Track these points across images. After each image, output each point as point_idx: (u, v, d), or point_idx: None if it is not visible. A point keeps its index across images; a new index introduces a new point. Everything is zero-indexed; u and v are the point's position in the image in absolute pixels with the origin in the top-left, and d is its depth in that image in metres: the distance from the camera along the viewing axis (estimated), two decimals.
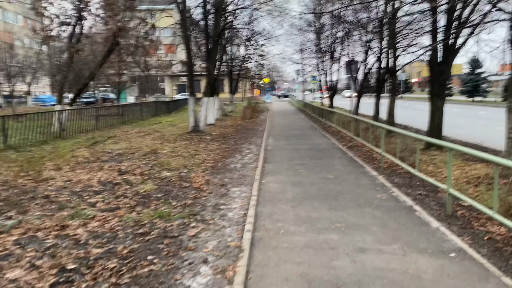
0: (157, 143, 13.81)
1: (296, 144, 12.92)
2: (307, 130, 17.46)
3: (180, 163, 9.56)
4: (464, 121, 21.55)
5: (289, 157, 10.30)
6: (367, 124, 11.56)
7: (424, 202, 6.11)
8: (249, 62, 35.73)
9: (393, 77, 15.01)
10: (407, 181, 7.49)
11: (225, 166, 9.07)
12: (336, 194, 6.53)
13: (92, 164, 9.66)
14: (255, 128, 18.80)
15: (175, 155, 10.98)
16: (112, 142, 14.98)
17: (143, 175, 8.31)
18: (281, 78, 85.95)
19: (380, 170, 8.44)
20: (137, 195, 6.70)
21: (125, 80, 41.41)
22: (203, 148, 12.17)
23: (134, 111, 26.07)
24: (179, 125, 20.97)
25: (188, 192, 6.71)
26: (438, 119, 11.19)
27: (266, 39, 26.91)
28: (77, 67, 29.19)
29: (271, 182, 7.50)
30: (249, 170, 8.67)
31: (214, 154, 10.85)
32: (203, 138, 14.80)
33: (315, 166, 8.95)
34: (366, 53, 20.34)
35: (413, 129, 17.71)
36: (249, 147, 12.37)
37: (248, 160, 9.95)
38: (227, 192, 6.66)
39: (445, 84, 11.18)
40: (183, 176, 7.92)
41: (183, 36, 16.32)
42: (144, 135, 16.56)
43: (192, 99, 16.74)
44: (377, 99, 18.05)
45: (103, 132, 18.66)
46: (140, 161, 10.01)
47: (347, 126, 14.57)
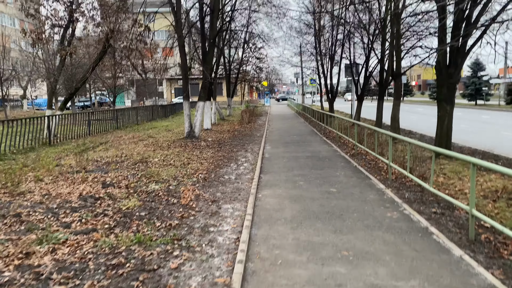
0: (149, 150, 13.12)
1: (295, 151, 12.22)
2: (306, 136, 16.76)
3: (171, 174, 8.86)
4: (469, 126, 20.88)
5: (287, 167, 9.60)
6: (371, 130, 10.86)
7: (440, 222, 5.41)
8: (247, 65, 35.13)
9: (397, 81, 14.34)
10: (418, 195, 6.79)
11: (218, 178, 8.35)
12: (340, 213, 5.82)
13: (76, 174, 8.95)
14: (252, 134, 18.10)
15: (167, 164, 10.28)
16: (103, 148, 14.30)
17: (128, 188, 7.61)
18: (280, 81, 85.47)
19: (387, 183, 7.74)
20: (118, 213, 6.00)
21: (122, 84, 40.77)
22: (197, 156, 11.47)
23: (129, 115, 25.36)
24: (174, 130, 20.28)
25: (175, 210, 6.00)
26: (447, 125, 10.51)
27: (265, 41, 26.27)
28: (70, 71, 28.57)
29: (267, 197, 6.79)
30: (244, 182, 7.96)
31: (208, 163, 10.14)
32: (198, 144, 14.10)
33: (316, 178, 8.25)
34: (367, 55, 19.67)
35: (417, 135, 17.04)
36: (245, 155, 11.66)
37: (244, 170, 9.24)
38: (219, 210, 5.95)
39: (454, 88, 10.50)
40: (172, 190, 7.21)
41: (177, 38, 15.65)
42: (137, 141, 15.86)
43: (187, 103, 16.06)
44: (380, 103, 17.37)
45: (95, 138, 17.96)
46: (128, 171, 9.30)
47: (349, 132, 13.89)
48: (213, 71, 22.12)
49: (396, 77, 14.16)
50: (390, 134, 8.13)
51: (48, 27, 18.11)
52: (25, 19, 20.79)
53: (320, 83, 31.41)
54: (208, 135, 17.39)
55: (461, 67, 10.36)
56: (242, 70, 34.62)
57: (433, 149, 6.19)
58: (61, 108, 18.64)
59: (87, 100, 45.21)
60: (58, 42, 19.61)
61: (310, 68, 33.65)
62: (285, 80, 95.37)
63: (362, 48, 22.08)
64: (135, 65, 36.95)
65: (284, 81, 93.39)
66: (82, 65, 29.17)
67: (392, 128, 14.26)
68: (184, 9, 19.67)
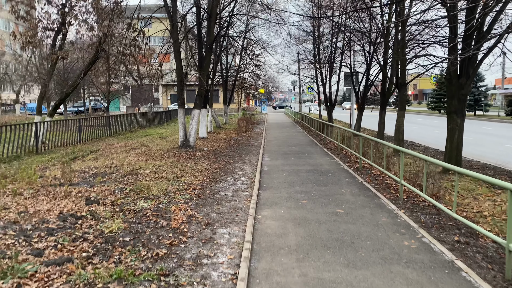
0: (141, 160, 12.41)
1: (296, 163, 11.56)
2: (306, 146, 16.11)
3: (162, 189, 8.16)
4: (472, 138, 20.33)
5: (288, 182, 8.92)
6: (377, 143, 10.23)
7: (467, 254, 4.74)
8: (244, 72, 34.54)
9: (402, 90, 13.75)
10: (435, 219, 6.13)
11: (213, 194, 7.65)
12: (351, 240, 5.14)
13: (59, 188, 8.24)
14: (250, 143, 17.43)
15: (158, 176, 9.58)
16: (93, 158, 13.58)
17: (114, 206, 6.90)
18: (277, 88, 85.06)
19: (399, 203, 7.08)
20: (100, 237, 5.29)
21: (116, 89, 40.05)
22: (191, 168, 10.77)
23: (123, 122, 24.64)
24: (169, 138, 19.59)
25: (164, 235, 5.29)
26: (458, 139, 9.90)
27: (263, 48, 25.70)
28: (63, 75, 27.86)
29: (268, 219, 6.10)
30: (241, 199, 7.27)
31: (203, 177, 9.44)
32: (193, 154, 13.40)
33: (320, 195, 7.57)
34: (368, 63, 19.13)
35: (421, 147, 16.45)
36: (242, 167, 10.98)
37: (241, 185, 8.55)
38: (213, 236, 5.24)
39: (465, 100, 9.91)
40: (161, 209, 6.50)
41: (173, 43, 15.03)
42: (129, 150, 15.15)
43: (181, 110, 15.38)
44: (382, 113, 16.79)
45: (86, 146, 17.24)
46: (116, 185, 8.59)
47: (351, 143, 13.26)
48: (210, 78, 21.50)
49: (400, 87, 13.58)
50: (402, 150, 7.47)
51: (40, 30, 17.49)
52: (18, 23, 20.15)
53: (318, 91, 30.88)
54: (203, 144, 16.70)
55: (473, 77, 9.78)
56: (239, 77, 34.03)
57: (457, 170, 5.50)
58: (50, 114, 17.91)
59: (81, 106, 44.43)
60: (50, 46, 18.96)
61: (308, 76, 33.13)
62: (282, 88, 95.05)
63: (362, 56, 21.60)
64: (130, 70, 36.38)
65: (281, 88, 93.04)
66: (75, 70, 28.47)
67: (396, 140, 13.66)
68: (180, 13, 19.10)
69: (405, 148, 9.13)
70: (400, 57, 13.32)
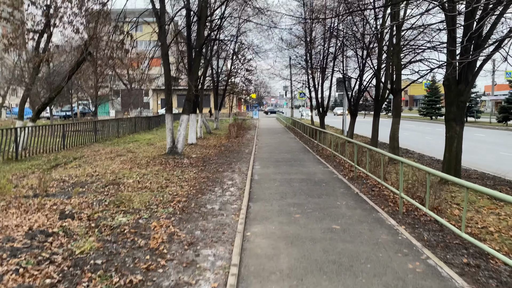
0: (125, 168, 11.82)
1: (288, 172, 11.04)
2: (298, 154, 15.62)
3: (144, 201, 7.58)
4: (466, 145, 19.97)
5: (280, 193, 8.40)
6: (372, 151, 9.77)
7: (479, 280, 4.25)
8: (236, 77, 34.08)
9: (397, 97, 13.35)
10: (439, 236, 5.65)
11: (199, 207, 7.09)
12: (350, 262, 4.63)
13: (33, 200, 7.62)
14: (240, 150, 16.90)
15: (142, 187, 8.99)
16: (75, 165, 12.94)
17: (90, 221, 6.31)
18: (268, 94, 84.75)
19: (398, 217, 6.60)
20: (69, 259, 4.71)
21: (105, 94, 39.31)
22: (178, 177, 10.20)
23: (110, 127, 23.95)
24: (157, 144, 18.97)
25: (141, 257, 4.72)
26: (457, 148, 9.49)
27: (255, 53, 25.27)
28: (48, 79, 27.08)
29: (258, 236, 5.56)
30: (230, 213, 6.72)
31: (189, 187, 8.88)
32: (180, 162, 12.83)
33: (314, 209, 7.06)
34: (361, 69, 18.77)
35: (415, 154, 16.07)
36: (232, 176, 10.43)
37: (230, 197, 8.00)
38: (196, 259, 4.69)
39: (464, 107, 9.51)
40: (141, 226, 5.93)
41: (160, 45, 14.49)
42: (114, 157, 14.53)
43: (169, 116, 14.81)
44: (376, 120, 16.39)
45: (69, 152, 16.55)
46: (96, 196, 8.00)
47: (344, 151, 12.80)
48: (200, 83, 20.97)
49: (396, 93, 13.18)
50: (402, 160, 6.97)
51: (22, 32, 16.84)
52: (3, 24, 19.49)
53: (310, 97, 30.50)
54: (192, 151, 16.13)
55: (473, 83, 9.40)
56: (231, 82, 33.54)
57: (467, 185, 4.97)
58: (33, 119, 17.22)
59: (69, 110, 43.49)
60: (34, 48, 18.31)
61: (300, 81, 32.76)
62: (274, 93, 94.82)
63: (355, 62, 21.28)
64: (119, 74, 35.70)
65: (273, 93, 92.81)
66: (61, 74, 27.73)
67: (391, 147, 13.23)
68: (170, 16, 18.57)
69: (400, 157, 8.69)
70: (395, 62, 12.93)
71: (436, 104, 48.25)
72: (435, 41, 12.65)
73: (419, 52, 13.14)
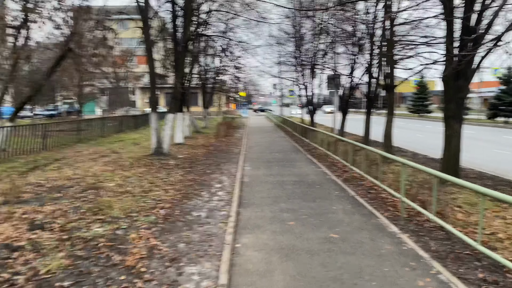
0: (108, 170, 11.16)
1: (280, 173, 10.51)
2: (290, 153, 15.09)
3: (125, 207, 6.98)
4: None
5: (272, 197, 7.86)
6: (367, 151, 9.28)
7: None
8: (224, 74, 33.40)
9: (391, 94, 12.91)
10: (447, 245, 5.17)
11: (184, 215, 6.51)
12: (353, 280, 4.11)
13: (2, 207, 6.96)
14: (229, 150, 16.32)
15: (123, 191, 8.37)
16: (55, 167, 12.24)
17: (63, 232, 5.69)
18: (258, 92, 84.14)
19: (400, 223, 6.11)
20: (32, 281, 4.10)
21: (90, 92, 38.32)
22: (163, 179, 9.60)
23: (95, 126, 23.14)
24: (143, 144, 18.28)
25: (115, 277, 4.13)
26: (455, 146, 9.06)
27: (243, 50, 24.65)
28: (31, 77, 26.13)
29: (249, 249, 5.02)
30: (217, 221, 6.15)
31: (174, 191, 8.29)
32: (166, 163, 12.20)
33: (309, 214, 6.53)
34: (352, 65, 18.32)
35: (408, 153, 15.65)
36: (220, 178, 9.86)
37: (218, 202, 7.43)
38: (178, 279, 4.11)
39: (463, 104, 9.10)
40: (118, 238, 5.33)
41: (144, 40, 13.82)
42: (97, 158, 13.84)
43: (154, 115, 14.15)
44: (367, 117, 15.97)
45: (51, 153, 15.79)
46: (72, 203, 7.36)
47: (337, 150, 12.33)
48: (186, 80, 20.32)
49: (389, 90, 12.73)
50: (405, 162, 6.44)
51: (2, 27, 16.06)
52: None
53: (300, 95, 30.03)
54: (179, 151, 15.50)
55: (471, 79, 8.97)
56: (219, 80, 32.86)
57: (485, 192, 4.50)
58: (11, 119, 16.39)
59: (53, 109, 42.39)
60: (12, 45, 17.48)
61: (290, 79, 32.21)
62: (263, 91, 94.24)
63: (345, 59, 20.85)
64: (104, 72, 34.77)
65: (262, 91, 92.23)
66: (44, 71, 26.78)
67: (385, 146, 12.80)
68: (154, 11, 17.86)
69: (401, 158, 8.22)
70: (389, 58, 12.48)
71: (425, 101, 48.23)
72: (430, 36, 12.22)
73: (413, 47, 12.67)
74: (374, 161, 10.59)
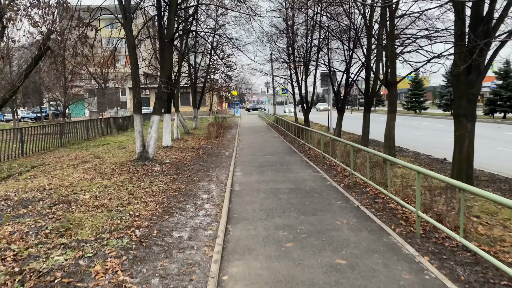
0: (86, 178, 10.20)
1: (274, 179, 9.58)
2: (284, 155, 14.18)
3: (97, 226, 6.03)
4: None
5: (266, 209, 6.93)
6: (370, 154, 8.38)
7: None
8: (215, 73, 32.43)
9: (392, 90, 12.04)
10: (478, 272, 4.28)
11: (163, 236, 5.55)
12: None
13: None
14: (220, 152, 15.37)
15: (99, 204, 7.42)
16: (31, 175, 11.28)
17: (16, 262, 4.73)
18: (250, 90, 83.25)
19: (417, 242, 5.21)
20: None
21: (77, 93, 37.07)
22: (145, 189, 8.64)
23: (79, 129, 22.06)
24: (129, 148, 17.29)
25: None
26: (468, 148, 8.20)
27: (234, 47, 23.68)
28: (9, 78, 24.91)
29: (238, 283, 4.09)
30: (202, 244, 5.21)
31: (155, 204, 7.33)
32: (151, 169, 11.24)
33: (309, 232, 5.61)
34: (348, 61, 17.42)
35: (410, 152, 14.86)
36: (208, 187, 8.91)
37: (204, 218, 6.48)
38: None
39: (475, 100, 8.22)
40: (80, 270, 4.37)
41: (126, 36, 12.83)
42: (78, 164, 12.86)
43: (138, 117, 13.17)
44: (366, 116, 15.10)
45: (29, 159, 14.79)
46: (36, 221, 6.40)
47: (335, 152, 11.45)
48: (174, 79, 19.32)
49: (390, 86, 11.86)
50: (424, 172, 5.42)
51: None
52: None
53: (293, 93, 29.13)
54: (166, 155, 14.53)
55: (485, 73, 8.11)
56: (210, 79, 31.87)
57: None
58: None
59: (39, 112, 41.03)
60: None
61: (283, 77, 31.27)
62: (256, 89, 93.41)
63: (340, 55, 19.99)
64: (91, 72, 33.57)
65: (254, 90, 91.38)
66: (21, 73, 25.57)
67: (386, 147, 11.94)
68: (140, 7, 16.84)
69: (417, 166, 7.34)
70: (389, 52, 11.61)
71: (420, 98, 47.60)
72: (433, 28, 11.40)
73: (415, 40, 11.82)
74: (377, 163, 9.72)
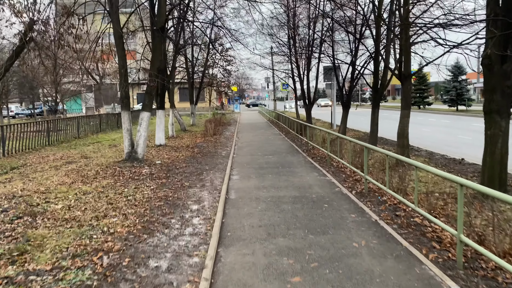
0: (66, 182, 9.08)
1: (275, 185, 8.42)
2: (286, 155, 13.02)
3: (60, 248, 4.91)
4: (470, 137, 17.84)
5: (266, 225, 5.78)
6: (388, 158, 7.23)
7: None
8: (213, 67, 31.21)
9: (406, 84, 10.86)
10: None
11: (136, 266, 4.39)
12: None
13: None
14: (216, 152, 14.22)
15: (70, 217, 6.28)
16: (6, 179, 10.14)
17: None
18: (250, 86, 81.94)
19: (460, 274, 4.06)
20: None
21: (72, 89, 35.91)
22: (127, 197, 7.50)
23: (70, 126, 20.91)
24: (120, 146, 16.16)
25: None
26: (502, 149, 7.06)
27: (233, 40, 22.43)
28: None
29: None
30: (183, 279, 4.04)
31: (135, 217, 6.19)
32: (138, 172, 10.10)
33: (321, 260, 4.46)
34: (354, 53, 16.20)
35: (422, 151, 13.66)
36: (200, 195, 7.76)
37: (190, 238, 5.32)
38: None
39: (511, 94, 7.05)
40: None
41: (112, 25, 11.65)
42: (62, 165, 11.75)
43: (126, 113, 12.03)
44: (375, 112, 13.93)
45: (10, 160, 13.64)
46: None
47: (341, 151, 10.31)
48: (167, 72, 18.15)
49: (405, 79, 10.68)
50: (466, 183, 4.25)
51: None
52: None
53: (294, 88, 27.92)
54: (158, 155, 13.40)
55: None
56: (208, 74, 30.65)
57: None
58: None
59: (36, 108, 39.87)
60: None
61: (283, 71, 30.02)
62: (256, 85, 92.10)
63: (345, 47, 18.79)
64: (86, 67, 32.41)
65: (254, 86, 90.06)
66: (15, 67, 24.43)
67: (399, 146, 10.80)
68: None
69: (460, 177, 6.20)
70: (403, 42, 10.43)
71: (424, 93, 46.40)
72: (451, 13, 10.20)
73: (431, 27, 10.61)
74: (394, 167, 8.57)
